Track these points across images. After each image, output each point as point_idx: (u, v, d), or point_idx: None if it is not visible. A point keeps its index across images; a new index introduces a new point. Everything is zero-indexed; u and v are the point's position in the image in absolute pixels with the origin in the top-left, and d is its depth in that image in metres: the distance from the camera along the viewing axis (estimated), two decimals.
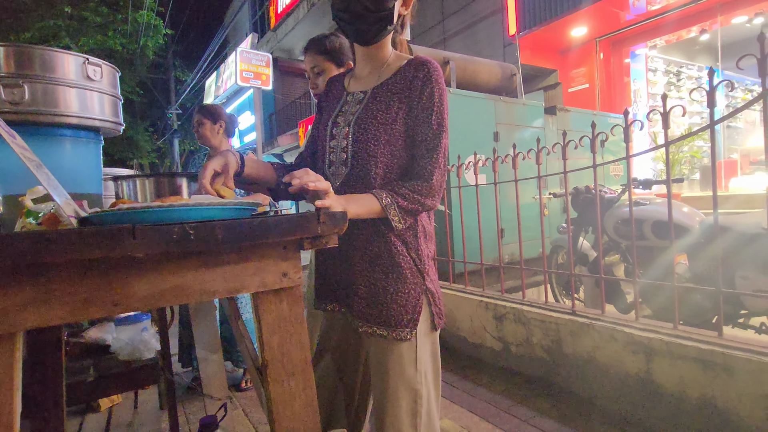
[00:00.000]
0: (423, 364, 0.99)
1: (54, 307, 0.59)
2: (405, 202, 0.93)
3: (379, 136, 0.96)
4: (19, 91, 0.96)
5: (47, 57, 1.01)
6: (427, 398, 1.00)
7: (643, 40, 6.25)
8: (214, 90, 13.85)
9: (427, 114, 0.96)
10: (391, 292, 0.97)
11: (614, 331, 1.88)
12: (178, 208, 0.69)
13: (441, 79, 0.97)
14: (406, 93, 0.97)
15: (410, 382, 0.97)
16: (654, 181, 2.52)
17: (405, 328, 0.97)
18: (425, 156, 0.96)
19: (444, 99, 0.97)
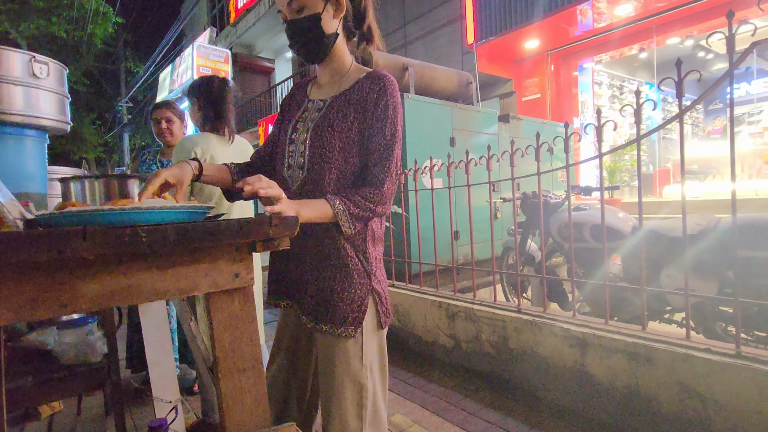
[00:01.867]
0: (369, 359, 1.05)
1: (1, 308, 0.59)
2: (357, 209, 0.98)
3: (334, 143, 1.01)
4: None
5: None
6: (373, 392, 1.06)
7: (590, 55, 6.67)
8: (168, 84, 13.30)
9: (381, 125, 1.01)
10: (338, 292, 1.02)
11: (553, 327, 2.03)
12: (130, 211, 0.71)
13: (396, 93, 1.03)
14: (362, 104, 1.02)
15: (356, 376, 1.03)
16: (593, 188, 2.73)
17: (350, 325, 1.02)
18: (378, 165, 1.01)
19: (398, 112, 1.03)
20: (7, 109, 1.00)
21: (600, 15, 5.79)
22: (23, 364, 1.51)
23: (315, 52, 1.05)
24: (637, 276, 2.63)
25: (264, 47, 12.47)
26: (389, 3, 8.51)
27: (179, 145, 1.73)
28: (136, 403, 2.21)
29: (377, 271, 1.08)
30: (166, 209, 0.76)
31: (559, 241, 2.95)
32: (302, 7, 1.00)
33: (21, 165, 1.05)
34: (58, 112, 1.12)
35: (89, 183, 1.02)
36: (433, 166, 2.72)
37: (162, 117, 2.24)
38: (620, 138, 7.15)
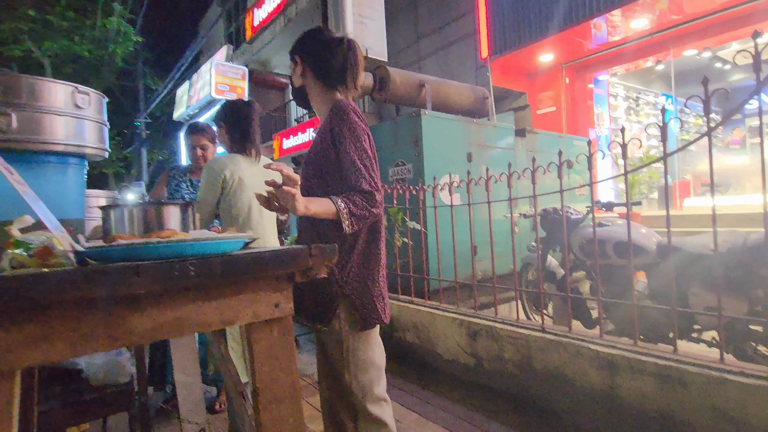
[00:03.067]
0: (349, 353, 1.23)
1: (55, 344, 0.61)
2: (356, 208, 1.12)
3: (313, 169, 1.27)
4: (5, 120, 0.96)
5: (35, 86, 1.02)
6: (356, 364, 1.23)
7: (605, 68, 6.65)
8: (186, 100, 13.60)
9: (343, 144, 1.19)
10: (309, 294, 1.23)
11: (580, 348, 1.99)
12: (177, 244, 0.72)
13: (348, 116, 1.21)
14: (324, 131, 1.25)
15: (337, 363, 1.24)
16: (615, 204, 2.69)
17: (321, 322, 1.22)
18: (352, 176, 1.17)
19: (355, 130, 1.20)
20: (50, 139, 1.03)
21: (614, 28, 5.78)
22: (53, 386, 1.52)
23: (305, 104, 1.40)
24: (662, 294, 2.57)
25: (279, 63, 12.70)
26: (402, 20, 8.63)
27: (208, 167, 1.76)
28: (157, 421, 2.22)
29: (353, 281, 1.22)
30: (210, 241, 0.77)
31: (580, 258, 2.91)
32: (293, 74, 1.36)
33: (63, 192, 1.08)
34: (98, 140, 1.15)
35: (128, 210, 1.04)
36: (452, 183, 2.72)
37: (198, 144, 2.29)
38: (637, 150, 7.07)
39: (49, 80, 1.05)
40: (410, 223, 3.11)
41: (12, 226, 0.89)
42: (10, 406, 0.58)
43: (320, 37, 1.31)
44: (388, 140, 3.77)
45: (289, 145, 10.22)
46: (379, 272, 1.28)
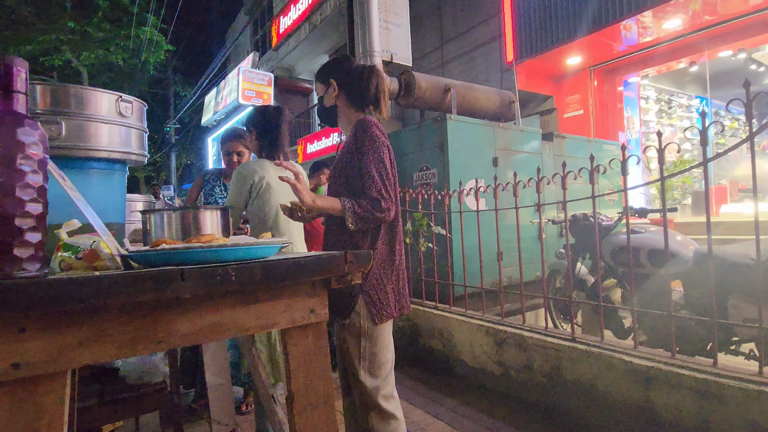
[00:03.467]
0: (366, 345, 1.33)
1: (104, 346, 0.62)
2: (360, 209, 1.29)
3: (339, 179, 1.42)
4: (55, 128, 1.01)
5: (82, 95, 1.06)
6: (371, 358, 1.34)
7: (635, 70, 6.46)
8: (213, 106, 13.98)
9: (362, 155, 1.34)
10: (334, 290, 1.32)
11: (613, 359, 1.92)
12: (219, 249, 0.73)
13: (369, 130, 1.36)
14: (350, 146, 1.39)
15: (354, 354, 1.34)
16: (650, 210, 2.60)
17: (342, 317, 1.33)
18: (365, 182, 1.32)
19: (375, 142, 1.35)
20: (95, 146, 1.07)
21: (645, 29, 5.62)
22: (91, 383, 1.57)
23: (331, 122, 1.53)
24: (700, 305, 2.46)
25: (303, 69, 12.92)
26: (426, 25, 8.64)
27: (237, 172, 1.80)
28: (187, 420, 2.26)
29: (371, 278, 1.34)
30: (250, 245, 0.78)
31: (612, 266, 2.82)
32: (320, 93, 1.51)
33: (106, 197, 1.12)
34: (139, 146, 1.19)
35: (167, 215, 1.07)
36: (478, 188, 2.69)
37: (234, 150, 2.32)
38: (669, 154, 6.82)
39: (95, 89, 1.10)
40: (435, 228, 3.09)
41: (61, 229, 0.93)
42: (62, 404, 0.60)
43: (353, 66, 1.47)
44: (413, 145, 3.77)
45: (313, 149, 10.35)
46: (393, 271, 1.41)
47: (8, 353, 0.55)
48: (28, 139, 0.61)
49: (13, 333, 0.56)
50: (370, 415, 1.32)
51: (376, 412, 1.32)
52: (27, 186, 0.61)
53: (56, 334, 0.59)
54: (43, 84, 1.03)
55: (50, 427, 0.58)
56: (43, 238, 0.64)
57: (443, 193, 3.00)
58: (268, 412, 1.20)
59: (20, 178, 0.60)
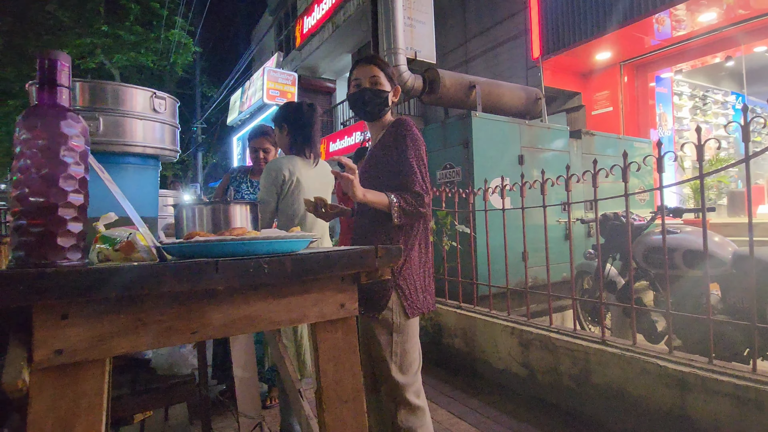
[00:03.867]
0: (397, 341, 1.34)
1: (142, 335, 0.63)
2: (406, 205, 1.31)
3: (371, 175, 1.42)
4: (94, 123, 1.04)
5: (119, 92, 1.09)
6: (402, 353, 1.34)
7: (668, 65, 6.22)
8: (238, 106, 14.25)
9: (404, 152, 1.36)
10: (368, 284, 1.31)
11: (646, 364, 1.85)
12: (251, 242, 0.74)
13: (412, 129, 1.40)
14: (388, 143, 1.41)
15: (385, 351, 1.33)
16: (685, 210, 2.50)
17: (375, 310, 1.33)
18: (407, 178, 1.34)
19: (416, 141, 1.38)
20: (131, 141, 1.10)
21: (679, 23, 5.40)
22: (123, 373, 1.62)
23: (373, 114, 1.47)
24: (737, 308, 2.35)
25: (326, 69, 13.01)
26: (450, 21, 8.56)
27: (267, 169, 1.81)
28: (213, 413, 2.31)
29: (405, 273, 1.36)
30: (280, 239, 0.78)
31: (643, 267, 2.73)
32: (377, 82, 1.44)
33: (140, 191, 1.14)
34: (171, 142, 1.21)
35: (198, 209, 1.09)
36: (504, 186, 2.64)
37: (260, 147, 2.35)
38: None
39: (131, 86, 1.12)
40: (459, 227, 3.06)
41: (98, 222, 0.95)
42: (102, 390, 0.62)
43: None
44: (437, 143, 3.74)
45: (336, 148, 10.41)
46: (422, 267, 1.43)
47: (51, 339, 0.57)
48: (70, 131, 0.63)
49: (56, 320, 0.58)
50: (400, 411, 1.32)
51: (406, 408, 1.32)
52: (69, 177, 0.62)
53: (97, 322, 0.60)
54: (82, 81, 1.07)
55: (90, 413, 0.60)
56: (85, 229, 0.66)
57: (467, 191, 2.96)
58: (294, 407, 1.20)
59: (63, 169, 0.62)
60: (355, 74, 1.46)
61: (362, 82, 1.44)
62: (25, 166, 0.60)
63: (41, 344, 0.56)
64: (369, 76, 1.44)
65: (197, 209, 1.03)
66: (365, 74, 1.44)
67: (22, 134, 0.61)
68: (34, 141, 0.60)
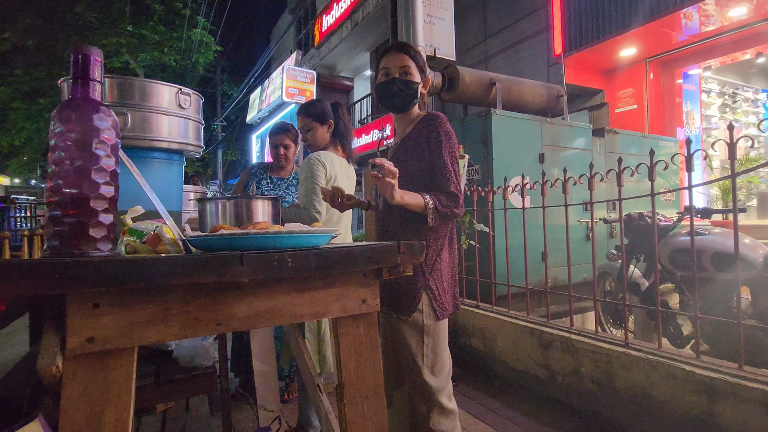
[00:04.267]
0: (427, 343, 1.30)
1: (169, 325, 0.65)
2: (441, 206, 1.27)
3: (400, 170, 1.28)
4: (122, 119, 1.06)
5: (146, 87, 1.11)
6: (433, 356, 1.30)
7: (696, 61, 6.02)
8: (257, 104, 14.42)
9: (438, 150, 1.31)
10: (398, 283, 1.29)
11: (673, 368, 1.80)
12: (273, 235, 0.74)
13: (445, 125, 1.34)
14: (420, 139, 1.35)
15: (414, 351, 1.29)
16: (714, 210, 2.41)
17: (405, 312, 1.29)
18: (441, 177, 1.31)
19: (450, 138, 1.33)
20: (157, 137, 1.12)
21: (708, 18, 5.21)
22: (147, 364, 1.66)
23: (401, 107, 1.41)
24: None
25: (344, 67, 13.05)
26: (470, 18, 8.47)
27: (314, 161, 1.77)
28: (233, 405, 2.34)
29: (434, 272, 1.33)
30: (303, 233, 0.78)
31: (669, 269, 2.65)
32: (407, 72, 1.37)
33: (166, 186, 1.17)
34: (195, 137, 1.23)
35: (221, 203, 1.10)
36: (525, 184, 2.59)
37: (281, 144, 2.36)
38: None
39: (157, 82, 1.14)
40: (477, 226, 3.03)
41: (126, 215, 0.97)
42: (130, 378, 0.63)
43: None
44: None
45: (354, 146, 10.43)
46: (450, 267, 1.40)
47: (84, 327, 0.58)
48: (102, 124, 0.64)
49: (88, 308, 0.59)
50: (433, 414, 1.28)
51: (439, 411, 1.28)
52: (101, 169, 0.64)
53: (126, 311, 0.61)
54: (111, 77, 1.09)
55: (119, 400, 0.61)
56: (115, 220, 0.67)
57: (487, 189, 2.92)
58: (313, 401, 1.21)
59: (95, 161, 0.63)
60: (384, 63, 1.39)
61: (392, 71, 1.36)
62: (60, 159, 0.62)
63: (74, 332, 0.58)
64: (399, 66, 1.35)
65: (220, 203, 1.04)
66: (395, 63, 1.36)
67: (56, 127, 0.62)
68: (68, 134, 0.62)
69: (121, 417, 0.61)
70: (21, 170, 20.05)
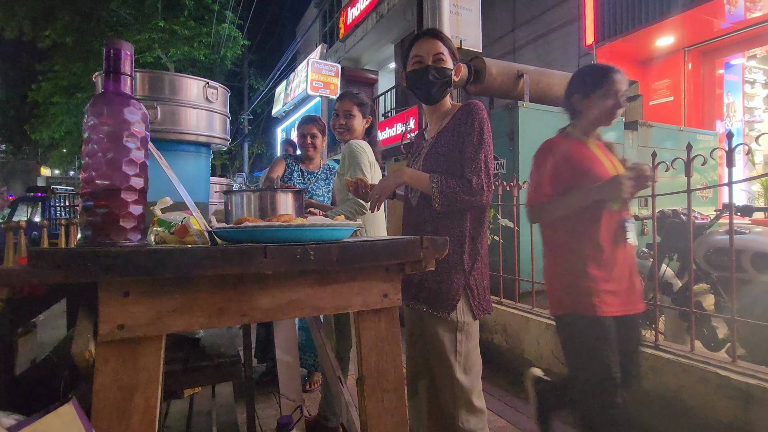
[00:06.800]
0: (462, 342, 1.28)
1: (196, 315, 0.66)
2: (447, 189, 1.23)
3: (440, 164, 1.31)
4: (152, 112, 1.09)
5: (175, 81, 1.14)
6: (466, 354, 1.28)
7: (739, 50, 5.69)
8: (283, 97, 14.59)
9: (470, 137, 1.27)
10: (437, 281, 1.28)
11: (706, 372, 1.73)
12: (296, 228, 0.74)
13: (482, 113, 1.29)
14: (458, 129, 1.30)
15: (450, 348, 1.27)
16: (756, 208, 2.29)
17: (445, 309, 1.26)
18: (467, 165, 1.26)
19: (484, 125, 1.28)
20: (185, 129, 1.15)
21: (754, 4, 4.91)
22: (176, 350, 1.71)
23: (436, 96, 1.35)
24: None
25: (369, 60, 13.02)
26: (498, 8, 8.28)
27: (359, 149, 1.77)
28: (256, 393, 2.40)
29: (475, 271, 1.30)
30: (326, 227, 0.78)
31: (704, 269, 2.53)
32: (441, 59, 1.31)
33: (193, 178, 1.19)
34: (222, 130, 1.25)
35: (246, 195, 1.11)
36: None
37: (308, 132, 2.40)
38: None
39: (185, 76, 1.17)
40: (502, 221, 2.97)
41: (156, 206, 1.00)
42: (159, 365, 0.65)
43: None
44: None
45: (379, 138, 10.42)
46: (485, 267, 1.37)
47: (115, 315, 0.60)
48: (133, 117, 0.65)
49: (119, 296, 0.61)
50: (461, 413, 1.26)
51: (469, 410, 1.27)
52: (132, 162, 0.65)
53: (155, 300, 0.63)
54: (142, 71, 1.12)
55: (148, 385, 0.63)
56: (144, 211, 0.69)
57: (512, 184, 2.87)
58: (334, 393, 1.22)
59: (126, 153, 0.65)
60: (416, 50, 1.33)
61: (425, 58, 1.30)
62: (93, 151, 0.64)
63: (106, 319, 0.60)
64: (433, 53, 1.30)
65: (245, 196, 1.06)
66: (429, 50, 1.30)
67: (90, 120, 0.64)
68: (100, 127, 0.64)
69: (149, 401, 0.64)
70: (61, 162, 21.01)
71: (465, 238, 1.30)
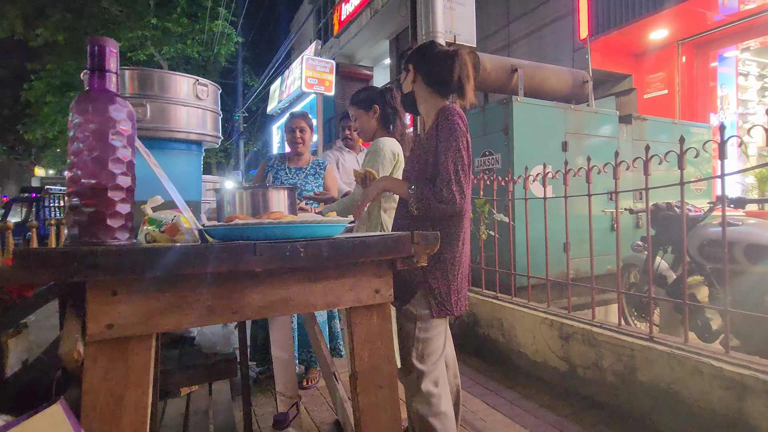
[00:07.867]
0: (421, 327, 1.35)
1: (186, 313, 0.66)
2: (422, 197, 1.32)
3: (416, 166, 1.41)
4: (141, 110, 1.08)
5: (164, 79, 1.13)
6: (424, 342, 1.35)
7: (733, 42, 5.70)
8: (278, 95, 14.51)
9: (443, 142, 1.33)
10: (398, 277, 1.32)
11: (700, 363, 1.74)
12: (287, 225, 0.74)
13: (451, 117, 1.34)
14: (434, 132, 1.37)
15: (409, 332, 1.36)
16: (749, 200, 2.30)
17: (399, 303, 1.34)
18: (440, 175, 1.32)
19: (455, 131, 1.32)
20: (175, 127, 1.14)
21: None
22: (171, 349, 1.71)
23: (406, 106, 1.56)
24: None
25: (364, 56, 12.97)
26: (491, 3, 8.25)
27: (380, 147, 1.77)
28: (252, 391, 2.40)
29: (436, 271, 1.34)
30: (317, 223, 0.78)
31: (699, 261, 2.55)
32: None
33: (184, 176, 1.18)
34: (213, 128, 1.24)
35: (238, 193, 1.11)
36: (546, 174, 2.53)
37: (297, 126, 2.40)
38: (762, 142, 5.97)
39: (175, 73, 1.16)
40: (497, 216, 2.98)
41: (146, 205, 0.99)
42: (149, 364, 0.65)
43: (434, 50, 1.45)
44: (475, 129, 3.63)
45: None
46: (459, 269, 1.39)
47: (104, 314, 0.60)
48: (118, 115, 0.65)
49: (107, 296, 0.60)
50: (414, 398, 1.33)
51: (420, 396, 1.33)
52: (118, 160, 0.65)
53: (144, 299, 0.62)
54: (131, 69, 1.11)
55: (138, 385, 0.63)
56: (132, 210, 0.69)
57: (507, 178, 2.87)
58: (329, 389, 1.23)
59: (112, 152, 0.64)
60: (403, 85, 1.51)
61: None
62: (78, 149, 0.63)
63: (94, 318, 0.60)
64: (401, 77, 1.49)
65: (237, 193, 1.05)
66: (400, 77, 1.51)
67: (75, 119, 0.64)
68: (85, 125, 0.63)
69: (140, 401, 0.63)
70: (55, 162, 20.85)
71: (452, 246, 1.36)
